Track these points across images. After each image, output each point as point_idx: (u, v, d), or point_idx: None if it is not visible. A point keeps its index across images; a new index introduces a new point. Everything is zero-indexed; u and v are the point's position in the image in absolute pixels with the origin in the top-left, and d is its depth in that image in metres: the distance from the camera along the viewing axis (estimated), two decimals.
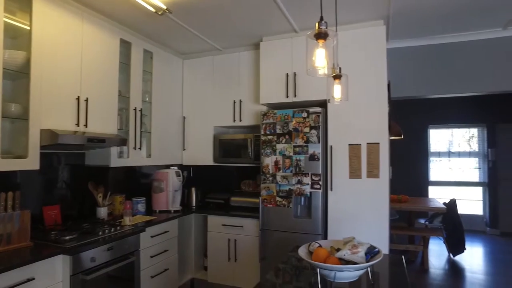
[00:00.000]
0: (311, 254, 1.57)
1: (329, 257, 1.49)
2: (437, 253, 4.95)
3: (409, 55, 3.40)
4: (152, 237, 2.75)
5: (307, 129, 2.87)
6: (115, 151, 2.79)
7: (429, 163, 6.71)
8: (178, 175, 3.34)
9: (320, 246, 1.62)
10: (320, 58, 1.32)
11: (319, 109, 2.85)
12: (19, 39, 2.14)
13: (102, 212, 2.80)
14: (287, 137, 2.94)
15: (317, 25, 1.31)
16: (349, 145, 2.82)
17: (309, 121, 2.87)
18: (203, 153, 3.65)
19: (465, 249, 4.72)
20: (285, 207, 2.93)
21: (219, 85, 3.62)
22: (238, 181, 3.82)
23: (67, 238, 2.10)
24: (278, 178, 2.96)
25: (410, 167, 6.47)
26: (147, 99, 3.23)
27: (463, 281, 3.90)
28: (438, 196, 6.38)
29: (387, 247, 2.67)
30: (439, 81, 3.32)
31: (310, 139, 2.86)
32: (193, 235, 3.54)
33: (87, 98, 2.49)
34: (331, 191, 2.85)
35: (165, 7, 2.51)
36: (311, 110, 2.87)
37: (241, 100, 3.48)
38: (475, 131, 6.57)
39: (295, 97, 3.05)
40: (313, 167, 2.84)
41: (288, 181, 2.93)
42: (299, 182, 2.88)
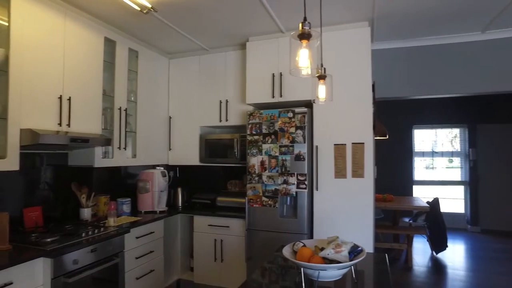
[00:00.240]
0: (295, 253, 1.58)
1: (313, 257, 1.50)
2: (421, 251, 5.05)
3: (394, 56, 3.46)
4: (137, 238, 2.72)
5: (292, 129, 2.89)
6: (99, 151, 2.75)
7: (414, 162, 6.84)
8: (164, 175, 3.31)
9: (304, 245, 1.63)
10: (303, 58, 1.33)
11: (305, 109, 2.87)
12: None
13: (85, 213, 2.75)
14: (273, 137, 2.95)
15: (300, 25, 1.32)
16: (334, 145, 2.84)
17: (294, 121, 2.89)
18: (189, 153, 3.63)
19: (447, 247, 4.84)
20: (271, 207, 2.94)
21: (206, 85, 3.60)
22: (224, 181, 3.82)
23: (48, 240, 2.06)
24: (264, 178, 2.97)
25: (395, 166, 6.57)
26: (132, 98, 3.19)
27: (445, 277, 4.00)
28: (422, 195, 6.52)
29: (371, 246, 2.71)
30: (422, 82, 3.39)
31: (295, 139, 2.88)
32: (179, 236, 3.52)
33: (70, 97, 2.44)
34: (317, 190, 2.87)
35: (150, 6, 2.48)
36: (297, 110, 2.89)
37: (227, 100, 3.47)
38: (457, 132, 6.74)
39: (281, 97, 3.06)
40: (299, 167, 2.86)
41: (274, 181, 2.94)
42: (285, 182, 2.89)
